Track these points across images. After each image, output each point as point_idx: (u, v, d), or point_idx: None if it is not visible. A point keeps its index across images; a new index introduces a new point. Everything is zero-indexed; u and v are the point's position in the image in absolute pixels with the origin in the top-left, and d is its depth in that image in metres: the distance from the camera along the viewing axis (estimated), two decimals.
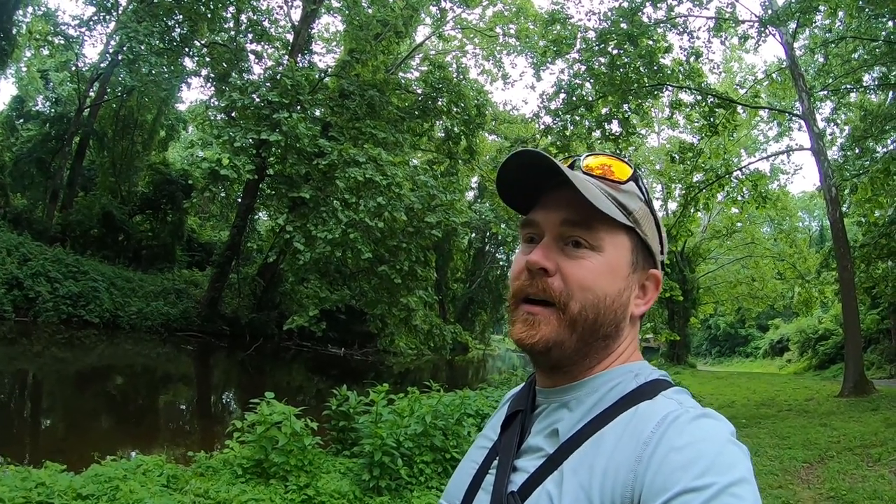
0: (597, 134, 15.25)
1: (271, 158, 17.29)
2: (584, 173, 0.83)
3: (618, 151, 15.15)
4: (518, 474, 0.78)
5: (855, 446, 7.38)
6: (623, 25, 14.38)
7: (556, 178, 0.80)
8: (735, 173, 16.71)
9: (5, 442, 7.72)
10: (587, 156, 0.86)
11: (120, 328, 18.69)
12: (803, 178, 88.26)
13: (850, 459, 6.79)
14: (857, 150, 15.91)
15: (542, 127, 16.13)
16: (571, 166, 0.85)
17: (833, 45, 15.64)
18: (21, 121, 27.95)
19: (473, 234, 35.18)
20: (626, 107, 15.21)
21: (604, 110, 15.35)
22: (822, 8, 13.93)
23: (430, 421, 5.35)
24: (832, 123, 17.86)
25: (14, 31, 22.67)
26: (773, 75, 19.06)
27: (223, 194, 21.91)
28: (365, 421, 5.51)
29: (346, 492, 4.85)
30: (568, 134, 15.17)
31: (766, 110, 19.54)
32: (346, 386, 6.13)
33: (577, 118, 15.33)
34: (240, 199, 21.57)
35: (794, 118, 17.39)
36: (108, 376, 14.69)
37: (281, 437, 4.96)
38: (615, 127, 15.42)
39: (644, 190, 0.85)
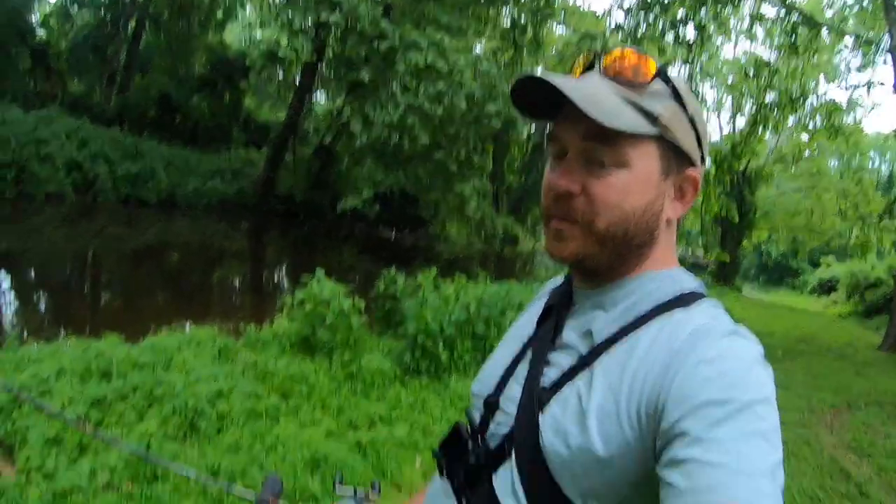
0: (669, 38, 14.35)
1: (330, 40, 16.89)
2: (604, 76, 0.77)
3: (691, 59, 14.33)
4: (551, 369, 0.78)
5: (885, 401, 7.20)
6: None
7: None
8: (810, 99, 15.67)
9: (67, 316, 8.19)
10: (605, 55, 0.79)
11: (177, 207, 19.15)
12: (879, 117, 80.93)
13: (878, 414, 6.65)
14: None
15: (613, 25, 15.33)
16: (592, 65, 0.80)
17: None
18: (76, 8, 27.77)
19: (533, 128, 34.36)
20: (703, 11, 14.18)
21: (679, 13, 14.35)
22: None
23: (475, 309, 5.44)
24: None
25: None
26: (864, 2, 17.33)
27: (281, 76, 21.69)
28: (411, 304, 5.64)
29: (387, 370, 5.04)
30: (639, 35, 14.30)
31: (852, 38, 17.93)
32: (395, 268, 6.24)
33: (651, 19, 14.40)
34: (297, 81, 21.32)
35: (880, 51, 15.99)
36: (163, 253, 15.12)
37: (329, 315, 5.15)
38: (690, 32, 14.48)
39: (673, 85, 0.77)
